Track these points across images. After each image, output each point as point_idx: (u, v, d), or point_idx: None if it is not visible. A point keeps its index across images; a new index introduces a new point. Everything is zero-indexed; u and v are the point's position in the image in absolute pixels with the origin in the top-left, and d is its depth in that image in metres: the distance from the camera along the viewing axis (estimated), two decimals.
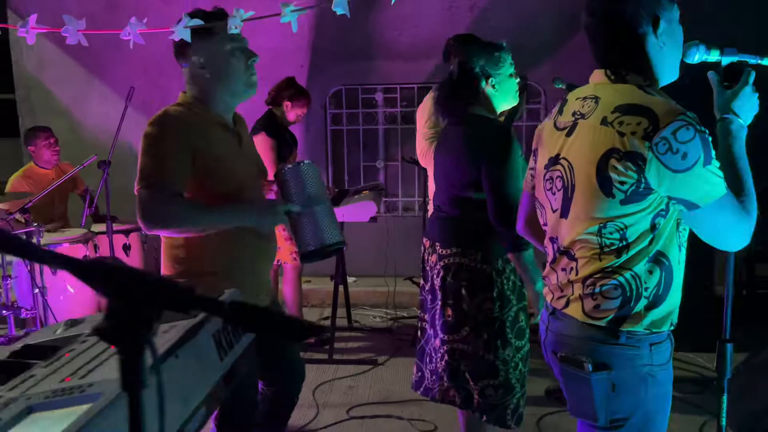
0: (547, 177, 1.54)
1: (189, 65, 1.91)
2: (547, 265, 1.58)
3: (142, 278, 0.59)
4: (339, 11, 1.75)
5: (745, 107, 1.44)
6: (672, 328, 1.46)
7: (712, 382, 3.43)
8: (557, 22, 4.48)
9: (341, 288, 4.21)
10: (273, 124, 3.69)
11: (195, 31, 1.79)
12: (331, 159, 5.05)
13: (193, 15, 1.83)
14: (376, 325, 4.49)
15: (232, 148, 1.93)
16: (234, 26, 1.81)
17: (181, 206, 1.80)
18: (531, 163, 1.68)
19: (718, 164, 1.32)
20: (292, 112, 3.78)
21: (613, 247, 1.39)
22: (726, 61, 1.49)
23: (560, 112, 1.55)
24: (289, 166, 1.97)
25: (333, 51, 4.90)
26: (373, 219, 3.61)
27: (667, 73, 1.45)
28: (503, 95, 2.25)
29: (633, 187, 1.33)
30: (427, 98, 3.11)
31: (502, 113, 2.61)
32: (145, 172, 1.78)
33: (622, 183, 1.34)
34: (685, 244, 1.45)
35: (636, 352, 1.40)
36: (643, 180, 1.32)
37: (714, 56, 1.49)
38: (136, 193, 1.78)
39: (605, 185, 1.36)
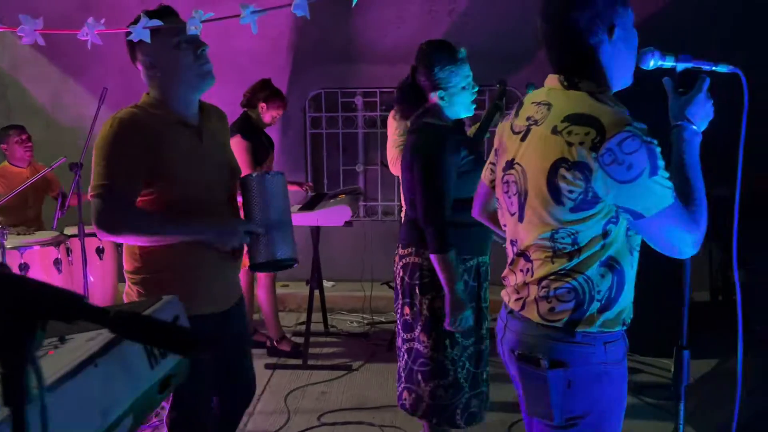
0: (504, 180, 1.56)
1: (141, 66, 1.89)
2: (507, 266, 1.60)
3: (23, 286, 0.57)
4: (299, 13, 1.73)
5: (700, 114, 1.45)
6: (624, 327, 1.48)
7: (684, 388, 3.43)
8: (536, 27, 4.47)
9: (317, 293, 4.18)
10: (248, 127, 3.67)
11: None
12: (311, 162, 5.03)
13: (141, 15, 1.80)
14: (352, 330, 4.46)
15: (193, 147, 1.90)
16: (193, 27, 1.78)
17: (134, 216, 1.80)
18: (492, 158, 1.72)
19: (666, 174, 1.32)
20: (268, 114, 3.76)
21: (565, 251, 1.41)
22: (681, 67, 1.49)
23: (516, 114, 1.56)
24: (255, 174, 1.97)
25: (313, 54, 4.88)
26: (348, 223, 3.59)
27: (622, 78, 1.45)
28: (454, 107, 2.29)
29: (581, 196, 1.34)
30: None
31: (476, 117, 2.62)
32: (97, 180, 1.78)
33: (570, 192, 1.35)
34: (638, 248, 1.46)
35: (591, 349, 1.42)
36: (590, 189, 1.33)
37: (669, 62, 1.49)
38: (89, 199, 1.78)
39: (555, 193, 1.37)
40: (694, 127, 1.43)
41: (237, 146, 3.58)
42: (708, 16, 4.39)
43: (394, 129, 3.11)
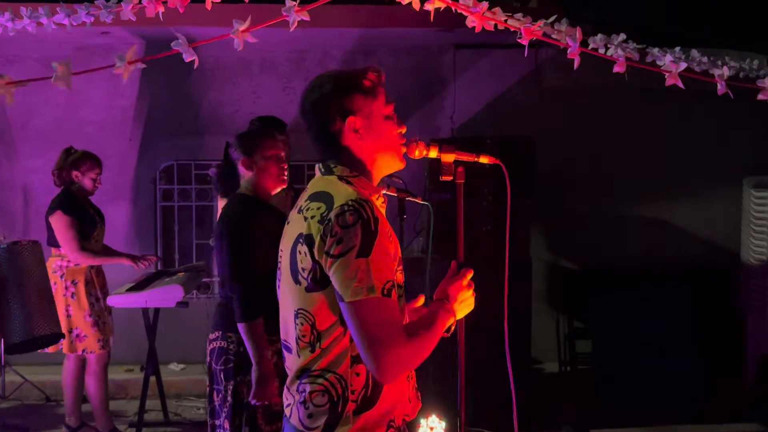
0: (279, 267, 1.52)
1: None
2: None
3: None
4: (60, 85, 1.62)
5: (458, 299, 1.44)
6: (392, 428, 1.39)
7: None
8: None
9: (154, 379, 3.86)
10: (69, 201, 3.40)
11: None
12: (161, 236, 4.78)
13: None
14: (198, 417, 4.13)
15: None
16: None
17: None
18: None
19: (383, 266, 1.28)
20: (86, 179, 3.47)
21: (306, 340, 1.36)
22: (446, 158, 1.51)
23: (293, 204, 1.55)
24: (5, 244, 1.83)
25: (164, 125, 4.73)
26: (182, 304, 3.36)
27: (383, 164, 1.46)
28: (263, 178, 2.31)
29: (311, 273, 1.32)
30: None
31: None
32: None
33: (303, 269, 1.34)
34: None
35: None
36: (317, 265, 1.31)
37: (433, 153, 1.51)
38: None
39: (294, 272, 1.36)
40: (453, 307, 1.43)
41: (58, 223, 3.31)
42: None
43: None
